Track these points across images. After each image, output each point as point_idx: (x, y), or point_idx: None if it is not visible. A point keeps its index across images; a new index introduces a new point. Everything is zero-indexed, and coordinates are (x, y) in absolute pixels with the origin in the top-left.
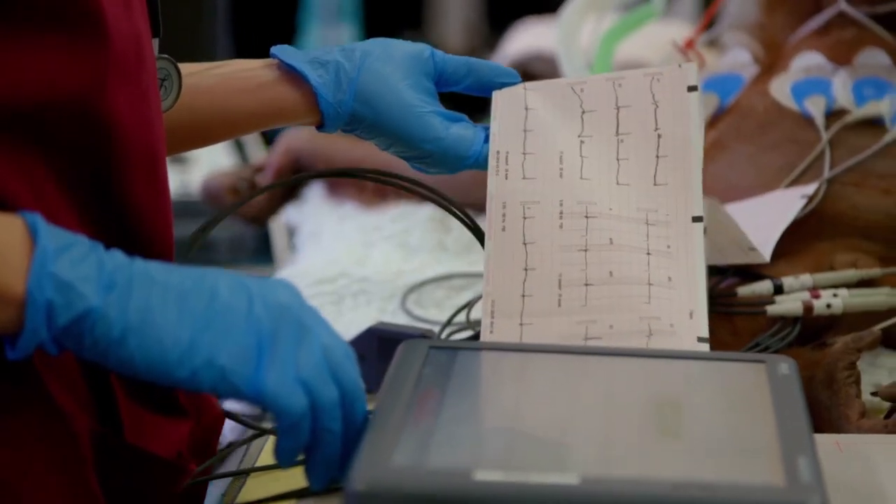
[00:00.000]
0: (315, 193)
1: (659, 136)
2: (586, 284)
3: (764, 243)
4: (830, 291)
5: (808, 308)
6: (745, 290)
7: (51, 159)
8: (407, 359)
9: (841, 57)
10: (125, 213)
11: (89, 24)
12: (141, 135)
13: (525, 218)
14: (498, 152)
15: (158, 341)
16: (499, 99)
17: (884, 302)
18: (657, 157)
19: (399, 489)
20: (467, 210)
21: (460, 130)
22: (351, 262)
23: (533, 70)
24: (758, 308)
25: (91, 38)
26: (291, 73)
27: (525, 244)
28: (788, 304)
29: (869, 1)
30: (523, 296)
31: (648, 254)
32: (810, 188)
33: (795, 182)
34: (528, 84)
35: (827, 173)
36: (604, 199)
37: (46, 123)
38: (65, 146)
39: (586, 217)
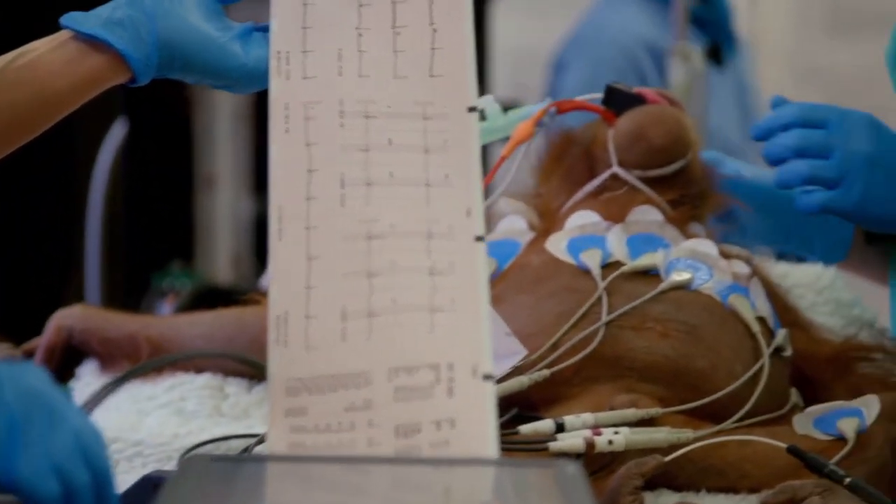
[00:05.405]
0: (88, 370)
1: (434, 30)
2: (368, 184)
3: None
4: (612, 429)
5: (590, 445)
6: (526, 429)
7: None
8: (189, 471)
9: (614, 215)
10: None
11: None
12: None
13: (307, 119)
14: (279, 52)
15: None
16: None
17: (664, 439)
18: (433, 49)
19: None
20: None
21: (257, 51)
22: (125, 427)
23: None
24: (540, 445)
25: None
26: (92, 41)
27: (308, 145)
28: (570, 441)
29: (639, 166)
30: (308, 198)
31: (426, 152)
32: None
33: (574, 327)
34: None
35: (605, 317)
36: (382, 96)
37: None
38: None
39: (366, 117)
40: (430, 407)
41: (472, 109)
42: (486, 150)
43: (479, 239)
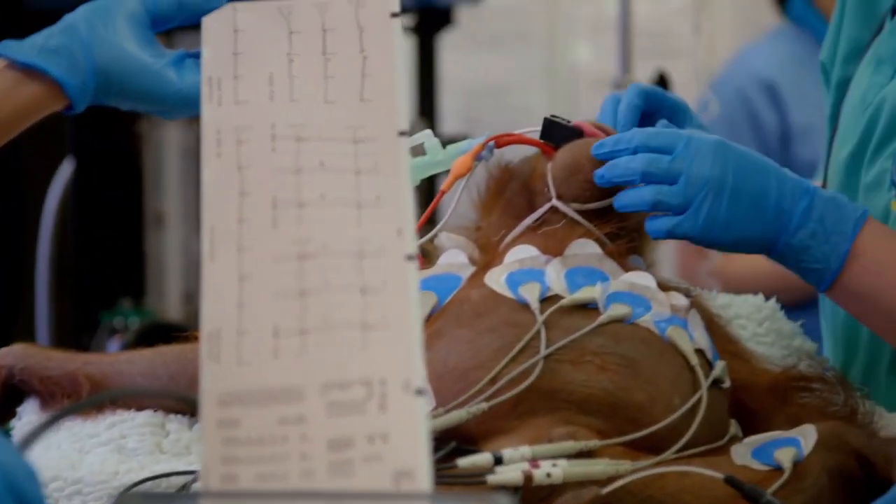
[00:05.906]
0: (30, 409)
1: (364, 57)
2: (300, 205)
3: None
4: (550, 461)
5: (528, 477)
6: (464, 462)
7: None
8: None
9: (553, 248)
10: None
11: None
12: None
13: (239, 143)
14: (210, 78)
15: None
16: (208, 24)
17: (603, 471)
18: (363, 75)
19: None
20: None
21: (192, 76)
22: (65, 466)
23: None
24: (478, 478)
25: None
26: (28, 70)
27: (240, 169)
28: (508, 474)
29: (577, 199)
30: (240, 221)
31: (358, 174)
32: None
33: (513, 361)
34: (238, 4)
35: (543, 351)
36: (314, 120)
37: None
38: None
39: (297, 140)
40: (362, 422)
41: (402, 133)
42: (432, 182)
43: (410, 258)
